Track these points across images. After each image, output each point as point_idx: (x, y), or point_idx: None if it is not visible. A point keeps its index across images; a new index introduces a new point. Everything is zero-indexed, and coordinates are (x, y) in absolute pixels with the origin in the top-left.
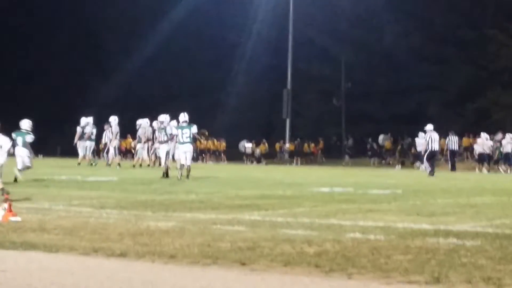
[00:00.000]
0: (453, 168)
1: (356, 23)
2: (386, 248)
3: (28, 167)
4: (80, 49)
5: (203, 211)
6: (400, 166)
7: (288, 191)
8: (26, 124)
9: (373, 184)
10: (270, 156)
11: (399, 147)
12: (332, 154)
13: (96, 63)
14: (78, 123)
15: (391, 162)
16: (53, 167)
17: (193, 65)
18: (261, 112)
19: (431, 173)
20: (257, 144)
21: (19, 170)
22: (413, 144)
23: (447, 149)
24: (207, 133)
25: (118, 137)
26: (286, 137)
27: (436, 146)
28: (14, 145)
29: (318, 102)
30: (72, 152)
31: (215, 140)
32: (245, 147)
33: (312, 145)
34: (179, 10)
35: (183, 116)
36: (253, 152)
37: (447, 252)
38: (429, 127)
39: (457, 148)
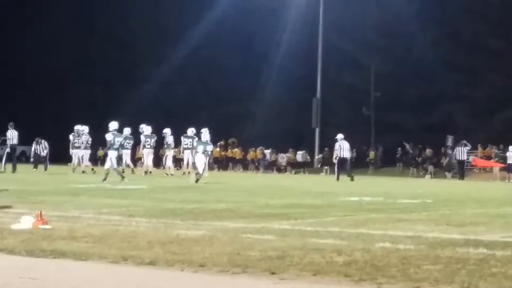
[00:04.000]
0: (462, 177)
1: (385, 32)
2: (415, 258)
3: (200, 175)
4: (110, 58)
5: (233, 220)
6: (430, 175)
7: (317, 200)
8: (207, 135)
9: (403, 194)
10: (298, 166)
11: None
12: (361, 164)
13: (126, 72)
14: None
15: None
16: (82, 175)
17: (222, 74)
18: (290, 121)
19: (337, 178)
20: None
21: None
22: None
23: (455, 159)
24: (236, 142)
25: (88, 146)
26: (315, 146)
27: (346, 154)
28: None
29: (348, 111)
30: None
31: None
32: (283, 157)
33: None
34: (209, 19)
35: (115, 125)
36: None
37: (477, 262)
38: (340, 136)
39: (466, 158)
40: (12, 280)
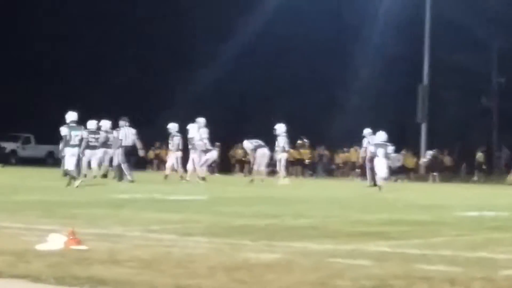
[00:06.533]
0: None
1: None
2: None
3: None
4: (165, 45)
5: (317, 240)
6: None
7: (424, 216)
8: (384, 135)
9: None
10: (397, 171)
11: None
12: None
13: (178, 52)
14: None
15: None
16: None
17: (303, 53)
18: (388, 114)
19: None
20: None
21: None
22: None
23: None
24: (307, 142)
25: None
26: (421, 146)
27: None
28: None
29: (462, 102)
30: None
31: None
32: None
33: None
34: None
35: (73, 116)
36: None
37: None
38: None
39: None
40: None
